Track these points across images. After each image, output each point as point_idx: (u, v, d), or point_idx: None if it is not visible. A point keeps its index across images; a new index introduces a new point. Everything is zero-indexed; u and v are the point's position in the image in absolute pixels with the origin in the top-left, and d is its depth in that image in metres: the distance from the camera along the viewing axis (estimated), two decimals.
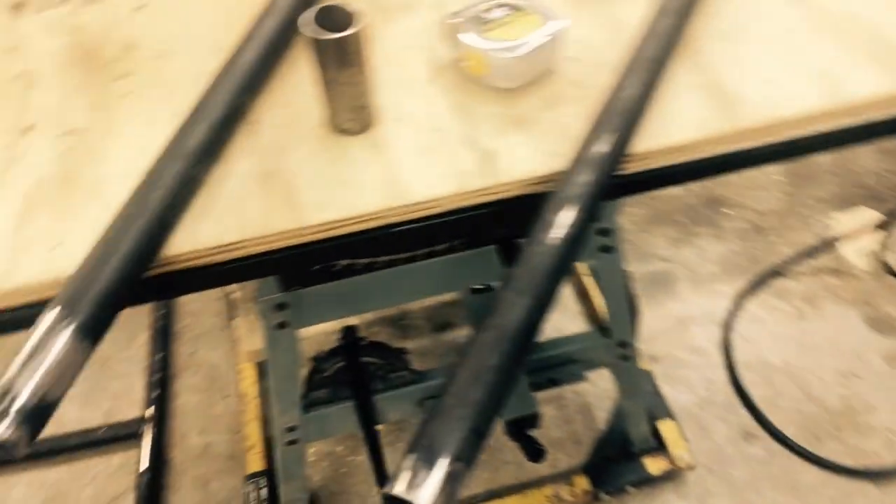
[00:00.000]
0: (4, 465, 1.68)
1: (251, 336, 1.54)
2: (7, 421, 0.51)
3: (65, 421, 1.75)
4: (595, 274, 1.30)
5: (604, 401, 1.73)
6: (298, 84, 0.79)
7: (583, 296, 1.69)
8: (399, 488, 0.48)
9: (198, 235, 0.67)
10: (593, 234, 1.19)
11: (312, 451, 1.71)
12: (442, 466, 0.49)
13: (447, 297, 1.88)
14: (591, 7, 0.89)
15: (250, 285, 1.27)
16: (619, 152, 0.68)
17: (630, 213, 2.13)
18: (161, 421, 1.74)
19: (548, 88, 0.79)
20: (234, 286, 1.61)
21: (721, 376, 1.78)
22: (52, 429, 1.66)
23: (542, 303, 0.57)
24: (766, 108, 0.76)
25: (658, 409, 1.65)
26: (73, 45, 0.86)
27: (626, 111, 0.71)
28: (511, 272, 0.58)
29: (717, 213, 2.16)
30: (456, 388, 0.52)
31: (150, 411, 1.74)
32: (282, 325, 1.12)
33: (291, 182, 0.71)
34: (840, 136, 0.78)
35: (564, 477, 1.58)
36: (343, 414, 1.32)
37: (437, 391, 1.35)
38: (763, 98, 0.77)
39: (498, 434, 1.49)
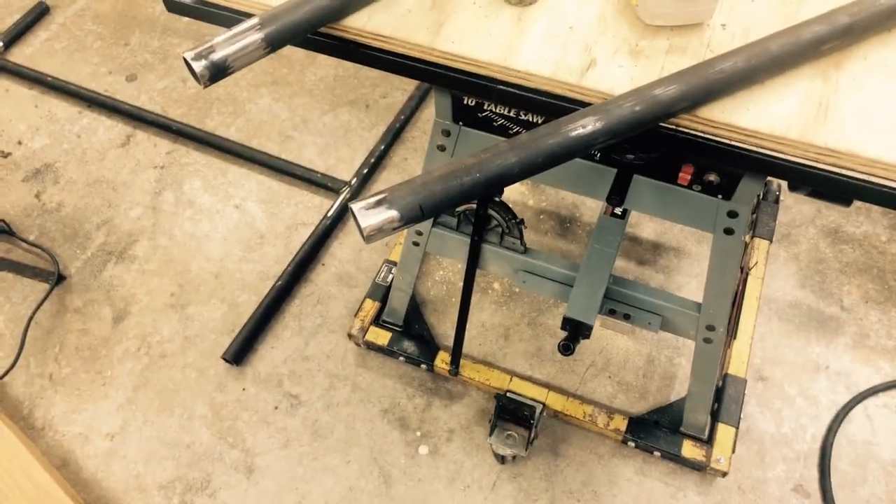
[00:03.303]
0: (248, 162, 2.25)
1: None
2: (204, 62, 0.84)
3: (304, 157, 2.27)
4: (711, 253, 1.35)
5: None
6: None
7: None
8: (356, 205, 0.73)
9: (373, 20, 0.93)
10: (722, 210, 1.24)
11: (440, 275, 2.03)
12: (388, 213, 0.73)
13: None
14: None
15: None
16: (679, 104, 0.80)
17: (844, 252, 2.01)
18: (356, 193, 2.18)
19: (681, 39, 0.89)
20: None
21: (817, 433, 1.73)
22: (292, 156, 2.19)
23: (523, 168, 0.75)
24: (856, 141, 0.80)
25: (729, 414, 1.68)
26: None
27: (716, 78, 0.81)
28: (520, 136, 0.76)
29: None
30: (427, 178, 0.74)
31: (354, 181, 2.18)
32: (441, 148, 1.38)
33: (447, 15, 0.93)
34: None
35: (609, 410, 1.73)
36: (457, 244, 1.59)
37: (531, 269, 1.55)
38: (860, 133, 0.80)
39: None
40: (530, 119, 1.18)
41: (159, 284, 2.03)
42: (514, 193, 2.16)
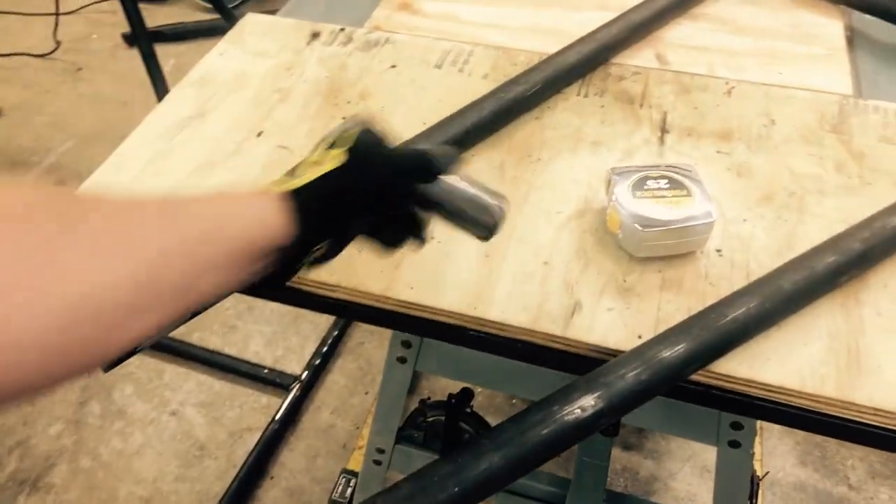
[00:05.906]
0: (187, 361, 2.04)
1: None
2: None
3: (250, 349, 2.08)
4: (717, 467, 1.20)
5: None
6: None
7: None
8: None
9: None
10: (725, 422, 1.10)
11: None
12: None
13: None
14: (773, 209, 0.85)
15: None
16: (691, 365, 0.66)
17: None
18: (308, 388, 1.98)
19: (673, 271, 0.78)
20: None
21: None
22: (236, 349, 1.95)
23: (512, 470, 0.58)
24: None
25: None
26: (328, 80, 1.05)
27: (730, 329, 0.68)
28: (503, 424, 0.61)
29: None
30: (392, 497, 0.57)
31: (305, 375, 1.98)
32: (402, 360, 1.22)
33: (403, 254, 0.80)
34: None
35: None
36: (424, 463, 1.39)
37: (511, 488, 1.35)
38: None
39: None
40: None
41: None
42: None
